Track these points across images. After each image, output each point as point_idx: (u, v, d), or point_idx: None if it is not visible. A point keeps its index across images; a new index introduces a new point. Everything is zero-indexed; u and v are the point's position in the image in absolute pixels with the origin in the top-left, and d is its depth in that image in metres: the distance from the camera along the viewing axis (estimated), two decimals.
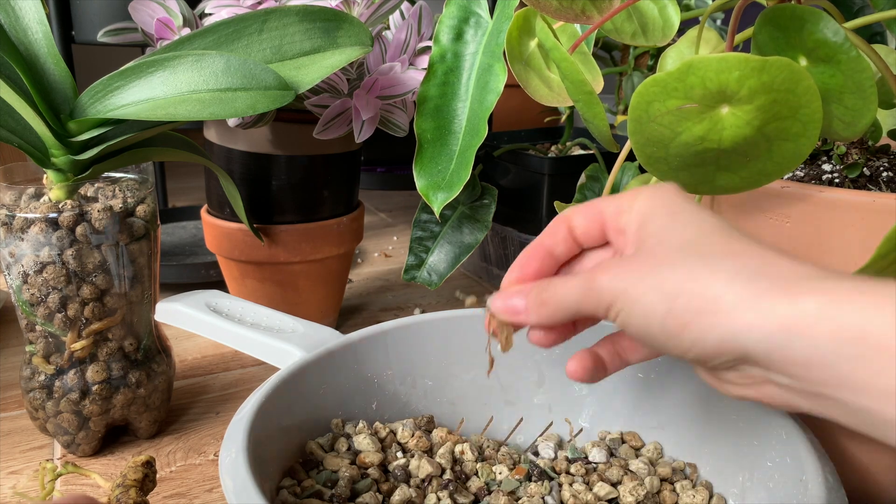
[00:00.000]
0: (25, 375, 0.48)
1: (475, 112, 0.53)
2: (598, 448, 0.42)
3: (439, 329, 0.45)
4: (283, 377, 0.39)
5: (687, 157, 0.33)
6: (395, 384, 0.44)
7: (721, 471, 0.39)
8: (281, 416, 0.38)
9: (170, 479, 0.47)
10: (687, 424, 0.41)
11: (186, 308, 0.48)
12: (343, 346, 0.42)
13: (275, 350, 0.43)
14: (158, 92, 0.44)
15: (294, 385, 0.39)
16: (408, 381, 0.45)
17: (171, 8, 0.55)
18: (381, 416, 0.44)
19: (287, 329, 0.46)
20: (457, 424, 0.45)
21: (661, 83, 0.30)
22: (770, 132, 0.31)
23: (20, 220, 0.43)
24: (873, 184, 0.38)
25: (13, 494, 0.45)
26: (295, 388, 0.39)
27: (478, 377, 0.45)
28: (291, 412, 0.39)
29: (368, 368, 0.43)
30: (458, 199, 0.68)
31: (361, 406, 0.43)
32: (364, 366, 0.43)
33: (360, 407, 0.43)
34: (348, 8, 0.54)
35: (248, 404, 0.36)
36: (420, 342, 0.45)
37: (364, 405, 0.43)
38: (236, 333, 0.45)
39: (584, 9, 0.38)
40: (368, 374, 0.43)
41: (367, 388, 0.43)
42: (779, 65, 0.28)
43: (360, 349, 0.43)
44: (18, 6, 0.45)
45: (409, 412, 0.44)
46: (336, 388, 0.42)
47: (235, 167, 0.61)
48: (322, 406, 0.41)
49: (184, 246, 0.87)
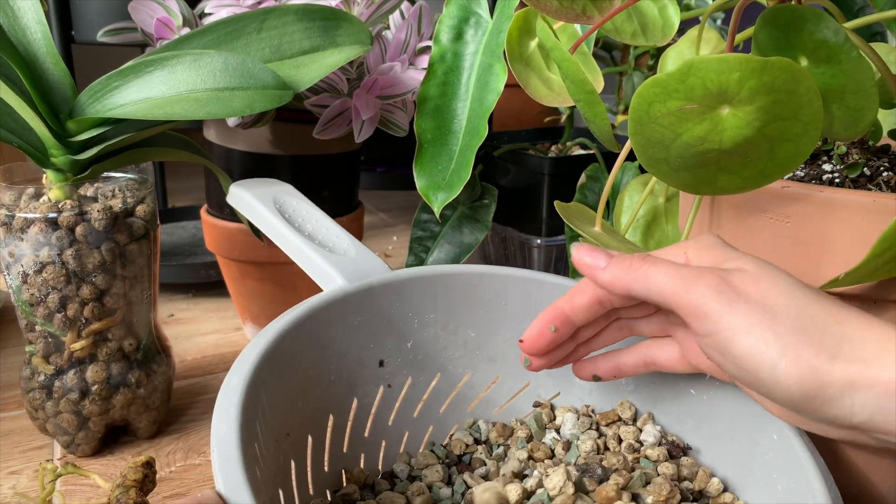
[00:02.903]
0: (25, 375, 0.48)
1: (475, 112, 0.53)
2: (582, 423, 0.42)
3: (492, 283, 0.43)
4: (311, 308, 0.38)
5: (688, 158, 0.33)
6: (436, 328, 0.43)
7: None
8: (301, 350, 0.37)
9: (170, 479, 0.47)
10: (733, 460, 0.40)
11: (253, 198, 0.48)
12: (387, 282, 0.41)
13: (318, 269, 0.42)
14: (156, 91, 0.44)
15: (325, 316, 0.38)
16: (450, 327, 0.43)
17: (170, 8, 0.55)
18: (416, 356, 0.43)
19: (339, 250, 0.44)
20: (491, 381, 0.44)
21: (661, 84, 0.30)
22: (771, 133, 0.31)
23: (20, 220, 0.43)
24: (873, 184, 0.38)
25: (13, 495, 0.45)
26: (325, 319, 0.38)
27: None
28: (315, 345, 0.38)
29: (410, 308, 0.42)
30: (458, 199, 0.68)
31: (396, 343, 0.42)
32: (407, 304, 0.42)
33: (394, 343, 0.42)
34: (348, 7, 0.54)
35: (261, 338, 0.34)
36: (472, 293, 0.43)
37: (399, 342, 0.42)
38: (289, 240, 0.45)
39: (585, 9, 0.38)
40: (409, 314, 0.42)
41: (406, 327, 0.42)
42: (779, 65, 0.28)
43: (405, 288, 0.42)
44: (17, 6, 0.45)
45: (444, 357, 0.43)
46: (371, 321, 0.41)
47: (235, 167, 0.61)
48: (354, 338, 0.40)
49: (183, 246, 0.87)
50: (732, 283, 0.29)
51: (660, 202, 0.56)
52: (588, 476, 0.36)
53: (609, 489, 0.34)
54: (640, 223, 0.56)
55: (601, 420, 0.42)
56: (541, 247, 0.73)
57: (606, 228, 0.44)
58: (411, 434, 0.43)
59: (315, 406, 0.38)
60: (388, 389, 0.42)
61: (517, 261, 0.78)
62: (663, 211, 0.56)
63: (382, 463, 0.41)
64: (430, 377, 0.43)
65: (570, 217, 0.43)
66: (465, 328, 0.44)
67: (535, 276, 0.44)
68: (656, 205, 0.56)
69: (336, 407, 0.39)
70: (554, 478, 0.35)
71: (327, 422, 0.39)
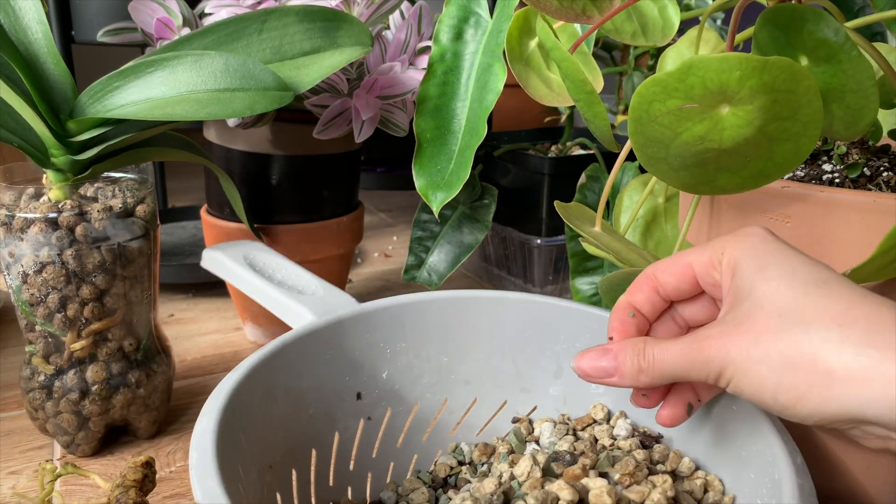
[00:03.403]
0: (25, 375, 0.48)
1: (475, 112, 0.53)
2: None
3: (459, 307, 0.44)
4: (283, 342, 0.38)
5: (687, 158, 0.33)
6: (408, 356, 0.44)
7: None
8: (277, 380, 0.38)
9: (170, 479, 0.47)
10: (701, 439, 0.40)
11: (224, 257, 0.52)
12: (355, 315, 0.42)
13: (288, 310, 0.45)
14: (157, 92, 0.44)
15: (297, 350, 0.39)
16: (423, 355, 0.44)
17: (171, 8, 0.55)
18: (392, 386, 0.43)
19: (308, 290, 0.47)
20: (469, 404, 0.45)
21: (661, 83, 0.30)
22: (770, 132, 0.31)
23: (20, 220, 0.43)
24: (873, 184, 0.38)
25: (13, 495, 0.45)
26: (297, 353, 0.39)
27: (495, 359, 0.45)
28: (291, 376, 0.39)
29: (381, 339, 0.43)
30: (458, 199, 0.68)
31: (371, 374, 0.42)
32: (376, 335, 0.43)
33: (369, 375, 0.42)
34: (348, 8, 0.54)
35: (238, 370, 0.35)
36: (439, 319, 0.44)
37: (374, 373, 0.43)
38: (258, 287, 0.48)
39: (585, 8, 0.38)
40: (380, 345, 0.43)
41: (379, 358, 0.43)
42: (779, 65, 0.28)
43: (373, 319, 0.43)
44: (18, 6, 0.45)
45: (421, 385, 0.44)
46: (344, 354, 0.42)
47: (235, 167, 0.61)
48: (328, 372, 0.41)
49: (184, 246, 0.87)
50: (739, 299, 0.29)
51: (659, 202, 0.56)
52: (557, 462, 0.37)
53: (576, 468, 0.35)
54: (639, 223, 0.56)
55: (577, 425, 0.43)
56: (541, 247, 0.73)
57: (606, 228, 0.44)
58: (397, 464, 0.43)
59: (296, 440, 0.39)
60: (368, 422, 0.43)
61: (517, 261, 0.78)
62: (663, 211, 0.56)
63: (370, 494, 0.42)
64: (409, 406, 0.44)
65: (570, 217, 0.43)
66: (437, 354, 0.44)
67: (498, 296, 0.45)
68: (656, 205, 0.56)
69: (317, 441, 0.40)
70: (521, 465, 0.36)
71: (310, 456, 0.39)
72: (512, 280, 0.79)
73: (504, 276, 0.81)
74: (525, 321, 0.44)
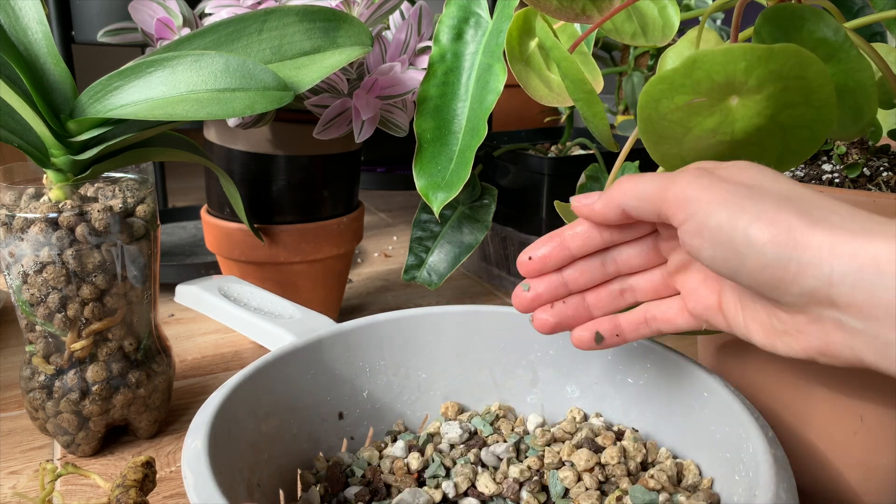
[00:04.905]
0: (25, 375, 0.48)
1: (475, 112, 0.53)
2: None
3: (434, 323, 0.45)
4: (265, 361, 0.39)
5: (701, 151, 0.32)
6: (388, 374, 0.44)
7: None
8: (260, 400, 0.38)
9: (170, 479, 0.47)
10: (675, 428, 0.41)
11: (199, 290, 0.53)
12: (334, 334, 0.43)
13: (268, 334, 0.46)
14: (157, 92, 0.44)
15: (278, 370, 0.40)
16: (401, 372, 0.45)
17: (171, 8, 0.55)
18: (373, 405, 0.44)
19: (285, 315, 0.49)
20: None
21: (667, 80, 0.30)
22: (783, 120, 0.30)
23: (20, 220, 0.43)
24: (873, 184, 0.38)
25: (13, 494, 0.45)
26: (279, 372, 0.40)
27: (472, 373, 0.45)
28: (273, 396, 0.39)
29: (360, 357, 0.44)
30: (458, 199, 0.68)
31: (351, 394, 0.43)
32: (355, 354, 0.43)
33: (350, 394, 0.43)
34: (348, 8, 0.54)
35: (222, 389, 0.36)
36: (415, 335, 0.45)
37: (354, 393, 0.43)
38: (237, 316, 0.49)
39: (584, 8, 0.38)
40: (360, 363, 0.44)
41: (358, 377, 0.43)
42: (786, 52, 0.28)
43: (351, 338, 0.43)
44: (18, 6, 0.45)
45: (401, 403, 0.45)
46: (325, 374, 0.42)
47: (235, 167, 0.61)
48: (310, 391, 0.41)
49: (184, 246, 0.87)
50: (716, 171, 0.29)
51: None
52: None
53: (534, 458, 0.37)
54: None
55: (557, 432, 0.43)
56: None
57: None
58: None
59: (281, 460, 0.39)
60: (351, 441, 0.43)
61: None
62: None
63: None
64: (391, 424, 0.45)
65: (570, 217, 0.43)
66: (415, 371, 0.45)
67: (469, 310, 0.46)
68: None
69: (302, 461, 0.40)
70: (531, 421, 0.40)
71: (296, 476, 0.40)
72: (512, 280, 0.79)
73: (504, 276, 0.81)
74: (499, 333, 0.45)
